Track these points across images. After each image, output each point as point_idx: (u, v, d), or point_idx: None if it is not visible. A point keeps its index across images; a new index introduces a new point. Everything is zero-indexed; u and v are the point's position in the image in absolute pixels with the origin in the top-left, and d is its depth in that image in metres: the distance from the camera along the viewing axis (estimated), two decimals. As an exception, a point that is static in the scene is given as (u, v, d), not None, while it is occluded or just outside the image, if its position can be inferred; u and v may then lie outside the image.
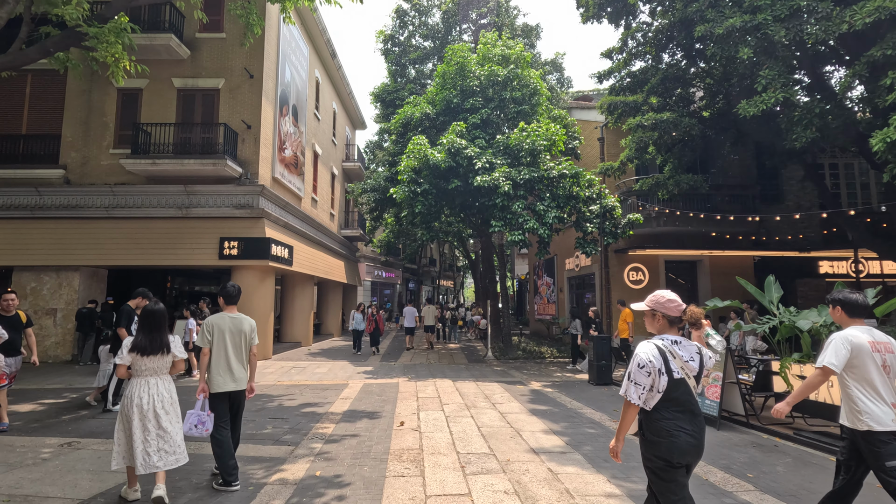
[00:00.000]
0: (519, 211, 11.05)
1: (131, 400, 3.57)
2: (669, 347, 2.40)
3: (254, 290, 12.82)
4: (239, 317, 4.24)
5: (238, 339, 4.14)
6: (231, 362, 4.04)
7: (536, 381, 9.89)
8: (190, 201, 12.73)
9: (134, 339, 3.69)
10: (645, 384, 2.35)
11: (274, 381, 9.72)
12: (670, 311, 2.47)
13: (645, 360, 2.35)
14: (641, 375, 2.36)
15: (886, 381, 2.91)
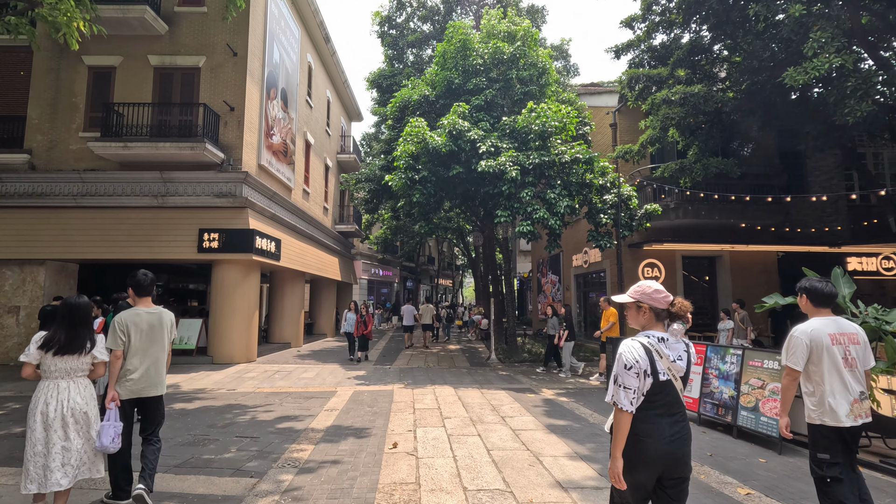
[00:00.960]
0: (527, 199, 10.00)
1: (36, 406, 3.08)
2: (656, 346, 2.14)
3: (236, 286, 11.75)
4: (157, 311, 3.65)
5: (155, 336, 3.58)
6: (150, 363, 3.52)
7: (547, 387, 8.85)
8: (167, 189, 11.64)
9: (47, 334, 3.17)
10: (635, 387, 2.09)
11: (253, 387, 8.65)
12: (657, 303, 2.20)
13: (631, 361, 2.10)
14: (630, 377, 2.09)
15: (845, 376, 2.90)
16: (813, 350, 2.92)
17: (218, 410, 6.66)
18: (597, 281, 15.44)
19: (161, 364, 3.60)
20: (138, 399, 3.51)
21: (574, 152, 10.34)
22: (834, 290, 3.03)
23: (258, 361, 12.11)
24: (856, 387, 2.90)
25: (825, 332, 2.92)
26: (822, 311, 3.03)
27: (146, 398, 3.53)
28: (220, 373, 10.19)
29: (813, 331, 2.94)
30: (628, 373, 2.09)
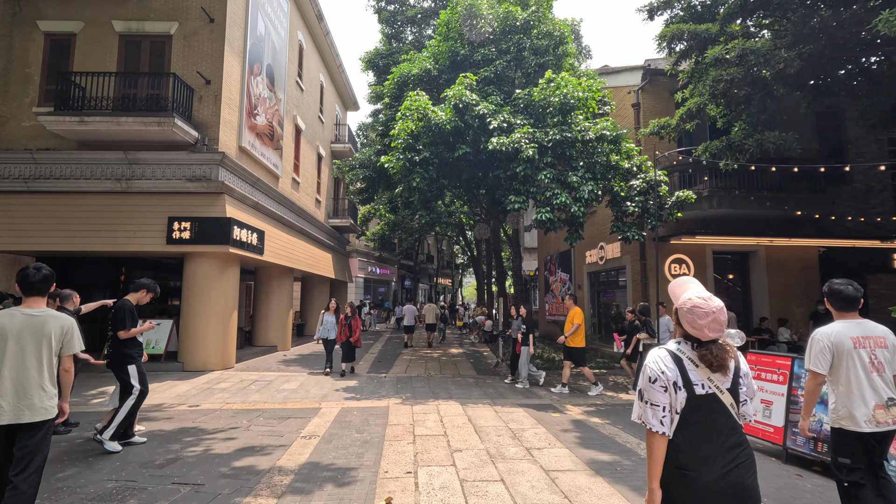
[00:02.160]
0: (546, 182, 8.61)
1: None
2: (688, 353, 1.81)
3: (211, 282, 10.33)
4: (41, 315, 2.94)
5: (34, 346, 2.88)
6: (16, 380, 2.80)
7: (572, 403, 7.46)
8: (132, 172, 10.22)
9: None
10: (663, 403, 1.75)
11: (221, 402, 7.24)
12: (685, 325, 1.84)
13: (656, 372, 1.79)
14: (657, 392, 1.77)
15: (871, 381, 2.80)
16: (834, 354, 2.86)
17: (165, 438, 5.25)
18: (615, 279, 14.07)
19: (30, 381, 2.81)
20: (6, 427, 2.76)
21: (599, 128, 8.96)
22: (856, 293, 2.94)
23: (236, 368, 10.68)
24: (883, 392, 2.79)
25: (847, 336, 2.85)
26: (847, 315, 2.95)
27: (14, 426, 2.77)
28: (188, 383, 8.78)
29: (835, 334, 2.88)
30: (653, 386, 1.79)
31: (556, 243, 18.48)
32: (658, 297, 9.98)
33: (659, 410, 1.76)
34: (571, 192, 8.64)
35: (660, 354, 1.85)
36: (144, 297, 5.24)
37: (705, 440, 1.73)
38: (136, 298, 5.12)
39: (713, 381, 1.76)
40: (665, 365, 1.79)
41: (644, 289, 11.71)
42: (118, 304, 4.97)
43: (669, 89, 12.08)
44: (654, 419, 1.77)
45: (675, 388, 1.76)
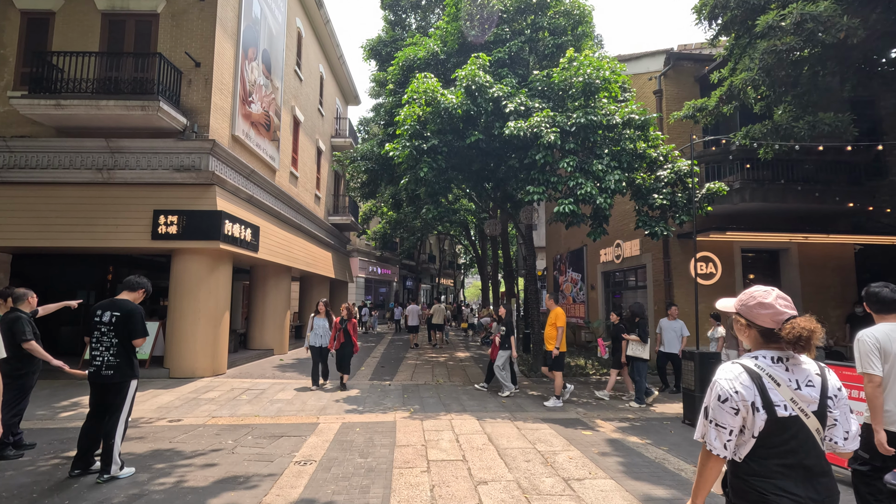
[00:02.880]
0: (569, 171, 7.78)
1: None
2: (768, 370, 1.60)
3: (200, 281, 9.50)
4: None
5: None
6: None
7: (603, 418, 6.63)
8: (114, 161, 9.40)
9: None
10: (732, 426, 1.57)
11: (207, 416, 6.41)
12: (759, 320, 1.66)
13: (728, 391, 1.58)
14: (725, 413, 1.58)
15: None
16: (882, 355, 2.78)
17: (133, 464, 4.42)
18: (632, 279, 13.24)
19: None
20: None
21: (627, 112, 8.13)
22: (893, 295, 2.85)
23: (227, 374, 9.86)
24: None
25: (892, 338, 2.78)
26: (887, 317, 2.88)
27: None
28: (173, 392, 7.95)
29: (881, 334, 2.81)
30: (723, 407, 1.58)
31: (566, 241, 17.65)
32: (698, 299, 9.12)
33: (724, 433, 1.59)
34: (596, 182, 7.80)
35: (734, 371, 1.62)
36: (140, 297, 4.44)
37: (785, 468, 1.55)
38: (133, 298, 4.36)
39: (797, 403, 1.57)
40: (740, 383, 1.59)
41: (668, 289, 10.88)
42: (131, 309, 4.18)
43: (694, 75, 11.27)
44: (718, 441, 1.60)
45: (753, 410, 1.57)
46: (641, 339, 7.66)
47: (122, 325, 4.08)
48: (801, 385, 1.58)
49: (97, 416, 4.08)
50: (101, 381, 4.03)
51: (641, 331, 7.71)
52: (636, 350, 7.68)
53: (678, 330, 8.71)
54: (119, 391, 4.07)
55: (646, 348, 7.65)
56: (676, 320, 8.83)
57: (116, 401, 4.06)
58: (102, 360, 4.03)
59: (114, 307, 4.14)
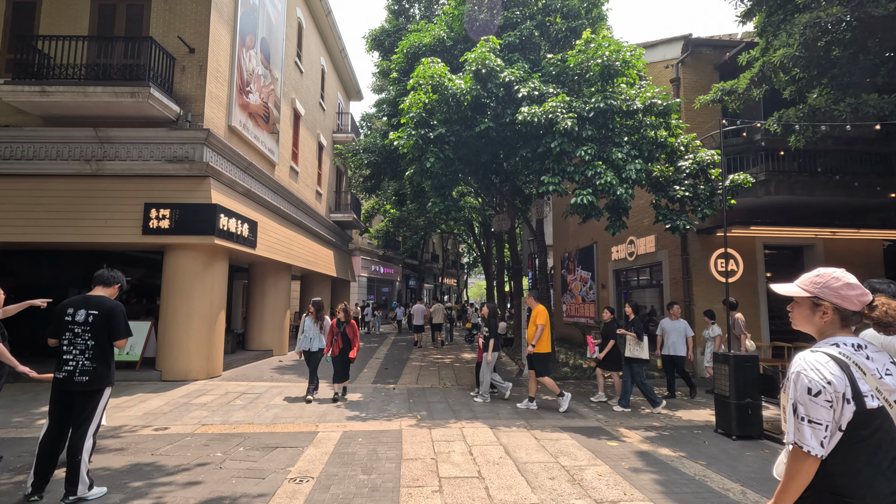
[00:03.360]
0: (588, 159, 7.24)
1: None
2: (853, 357, 1.49)
3: (194, 279, 9.01)
4: None
5: None
6: None
7: (626, 426, 6.09)
8: (103, 152, 8.91)
9: None
10: (826, 420, 1.42)
11: (197, 423, 5.90)
12: (847, 303, 1.56)
13: (820, 383, 1.44)
14: (819, 407, 1.42)
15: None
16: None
17: (107, 482, 3.92)
18: (646, 278, 12.68)
19: None
20: None
21: (649, 97, 7.60)
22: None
23: (223, 377, 9.36)
24: None
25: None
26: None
27: None
28: (163, 396, 7.45)
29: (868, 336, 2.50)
30: (816, 401, 1.43)
31: (575, 239, 17.11)
32: (717, 297, 8.59)
33: (821, 430, 1.42)
34: (617, 171, 7.27)
35: (820, 360, 1.48)
36: (116, 293, 3.96)
37: (869, 462, 1.43)
38: (109, 294, 3.89)
39: (881, 392, 1.46)
40: (831, 373, 1.45)
41: (687, 287, 10.33)
42: (112, 306, 3.71)
43: (714, 62, 10.72)
44: (814, 440, 1.42)
45: (844, 402, 1.43)
46: (637, 336, 6.99)
47: (102, 325, 3.58)
48: (882, 373, 1.49)
49: (60, 430, 3.57)
50: (72, 389, 3.53)
51: (637, 328, 7.06)
52: (634, 350, 7.01)
53: (682, 330, 8.01)
54: (91, 400, 3.57)
55: (644, 348, 7.00)
56: (679, 320, 8.14)
57: (87, 410, 3.56)
58: (76, 364, 3.53)
59: (89, 305, 3.64)
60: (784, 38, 5.95)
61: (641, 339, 6.98)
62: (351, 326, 7.44)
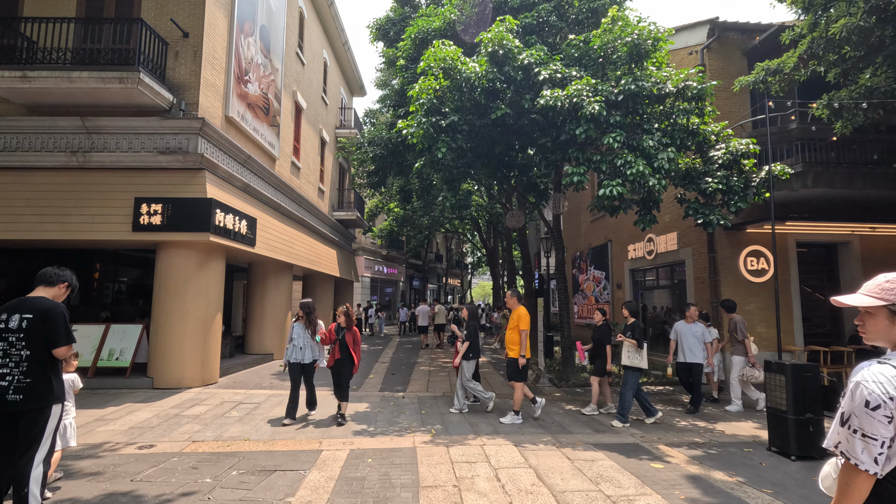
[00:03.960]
0: (617, 147, 6.61)
1: None
2: None
3: (188, 278, 8.40)
4: None
5: None
6: None
7: (666, 443, 5.45)
8: (91, 143, 8.32)
9: None
10: (884, 436, 1.34)
11: (187, 440, 5.29)
12: None
13: (880, 397, 1.35)
14: (877, 423, 1.34)
15: None
16: None
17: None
18: (666, 278, 12.03)
19: None
20: None
21: (681, 79, 6.96)
22: None
23: (219, 384, 8.75)
24: None
25: None
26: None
27: None
28: (152, 406, 6.84)
29: None
30: (873, 414, 1.35)
31: (587, 237, 16.47)
32: (746, 299, 7.94)
33: (876, 446, 1.34)
34: (648, 160, 6.63)
35: (886, 373, 1.38)
36: (62, 294, 3.32)
37: None
38: (52, 295, 3.25)
39: None
40: (894, 387, 1.35)
41: (714, 287, 9.68)
42: (48, 308, 3.08)
43: (741, 47, 10.07)
44: (867, 455, 1.34)
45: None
46: (638, 343, 6.19)
47: (38, 332, 2.96)
48: None
49: (2, 458, 2.94)
50: (8, 410, 2.90)
51: (636, 333, 6.22)
52: (633, 358, 6.24)
53: (699, 335, 7.21)
54: (34, 422, 2.95)
55: (643, 356, 6.23)
56: (696, 323, 7.33)
57: (31, 435, 2.94)
58: (11, 380, 2.91)
59: (24, 308, 3.02)
60: (844, 6, 5.31)
61: (642, 346, 6.20)
62: (352, 334, 6.21)
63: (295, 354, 6.19)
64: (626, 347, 6.33)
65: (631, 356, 6.27)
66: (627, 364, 6.29)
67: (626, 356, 6.30)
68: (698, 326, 7.31)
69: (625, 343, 6.32)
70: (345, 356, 6.13)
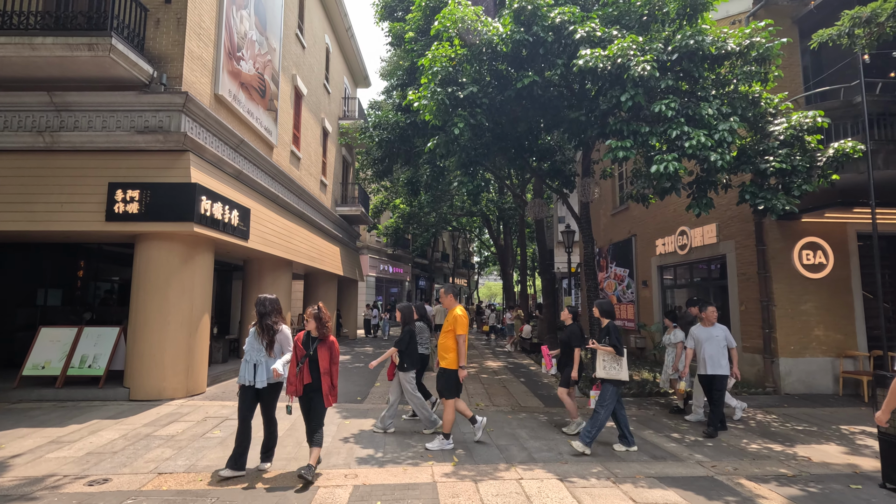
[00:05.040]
0: (670, 115, 5.54)
1: None
2: None
3: (170, 275, 7.40)
4: None
5: None
6: None
7: (747, 475, 4.37)
8: (60, 121, 7.34)
9: None
10: None
11: (151, 470, 4.27)
12: None
13: None
14: None
15: None
16: None
17: None
18: (701, 275, 10.92)
19: None
20: None
21: (746, 35, 5.89)
22: None
23: (206, 394, 7.74)
24: None
25: None
26: None
27: None
28: (122, 424, 5.83)
29: None
30: None
31: (608, 232, 15.37)
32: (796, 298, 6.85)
33: None
34: (708, 130, 5.56)
35: None
36: None
37: None
38: None
39: None
40: None
41: (764, 284, 8.57)
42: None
43: (791, 15, 8.97)
44: None
45: None
46: (617, 352, 5.00)
47: None
48: None
49: None
50: None
51: (614, 338, 5.05)
52: (609, 368, 5.05)
53: (721, 339, 5.84)
54: None
55: (623, 366, 5.02)
56: (716, 326, 5.95)
57: None
58: None
59: None
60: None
61: (621, 353, 5.01)
62: (327, 347, 4.27)
63: (245, 375, 4.23)
64: (601, 356, 5.14)
65: (608, 367, 5.07)
66: (604, 376, 5.08)
67: (602, 366, 5.10)
68: (719, 329, 5.90)
69: (599, 351, 5.15)
70: (315, 381, 4.18)
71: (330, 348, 4.28)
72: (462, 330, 4.97)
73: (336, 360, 4.33)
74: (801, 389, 8.14)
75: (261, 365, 4.22)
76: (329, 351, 4.27)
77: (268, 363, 4.24)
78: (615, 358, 5.04)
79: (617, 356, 5.02)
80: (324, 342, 4.27)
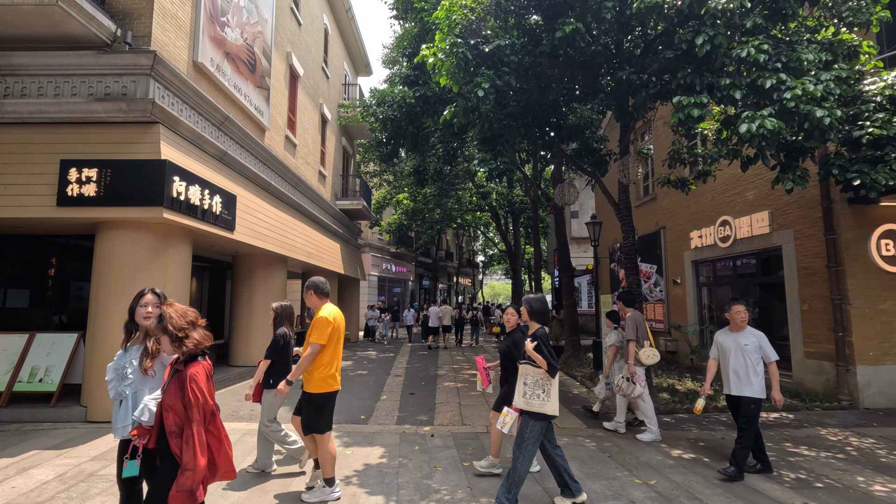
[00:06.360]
0: (763, 61, 4.31)
1: None
2: None
3: (136, 270, 6.20)
4: None
5: None
6: None
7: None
8: (5, 88, 6.15)
9: None
10: None
11: (77, 539, 3.06)
12: None
13: None
14: None
15: None
16: None
17: None
18: (750, 269, 9.68)
19: None
20: None
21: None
22: None
23: (182, 413, 6.52)
24: None
25: None
26: None
27: None
28: (65, 457, 4.63)
29: None
30: None
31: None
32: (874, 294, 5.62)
33: None
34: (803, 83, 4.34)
35: None
36: None
37: None
38: None
39: None
40: None
41: (836, 279, 7.33)
42: None
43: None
44: None
45: None
46: (549, 370, 3.37)
47: None
48: None
49: None
50: None
51: (542, 345, 3.39)
52: (532, 395, 3.42)
53: (752, 349, 4.34)
54: None
55: (552, 394, 3.39)
56: (746, 330, 4.45)
57: None
58: None
59: None
60: None
61: (553, 374, 3.40)
62: (179, 382, 2.27)
63: (119, 417, 2.65)
64: (523, 375, 3.52)
65: (529, 392, 3.43)
66: (523, 407, 3.46)
67: (522, 392, 3.47)
68: (750, 336, 4.40)
69: (522, 368, 3.54)
70: (168, 463, 2.28)
71: (186, 383, 2.23)
72: (318, 337, 3.53)
73: (199, 404, 2.21)
74: (882, 403, 6.91)
75: (127, 408, 2.67)
76: (181, 389, 2.23)
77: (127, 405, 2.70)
78: (545, 378, 3.41)
79: (547, 375, 3.40)
80: (179, 372, 2.30)
